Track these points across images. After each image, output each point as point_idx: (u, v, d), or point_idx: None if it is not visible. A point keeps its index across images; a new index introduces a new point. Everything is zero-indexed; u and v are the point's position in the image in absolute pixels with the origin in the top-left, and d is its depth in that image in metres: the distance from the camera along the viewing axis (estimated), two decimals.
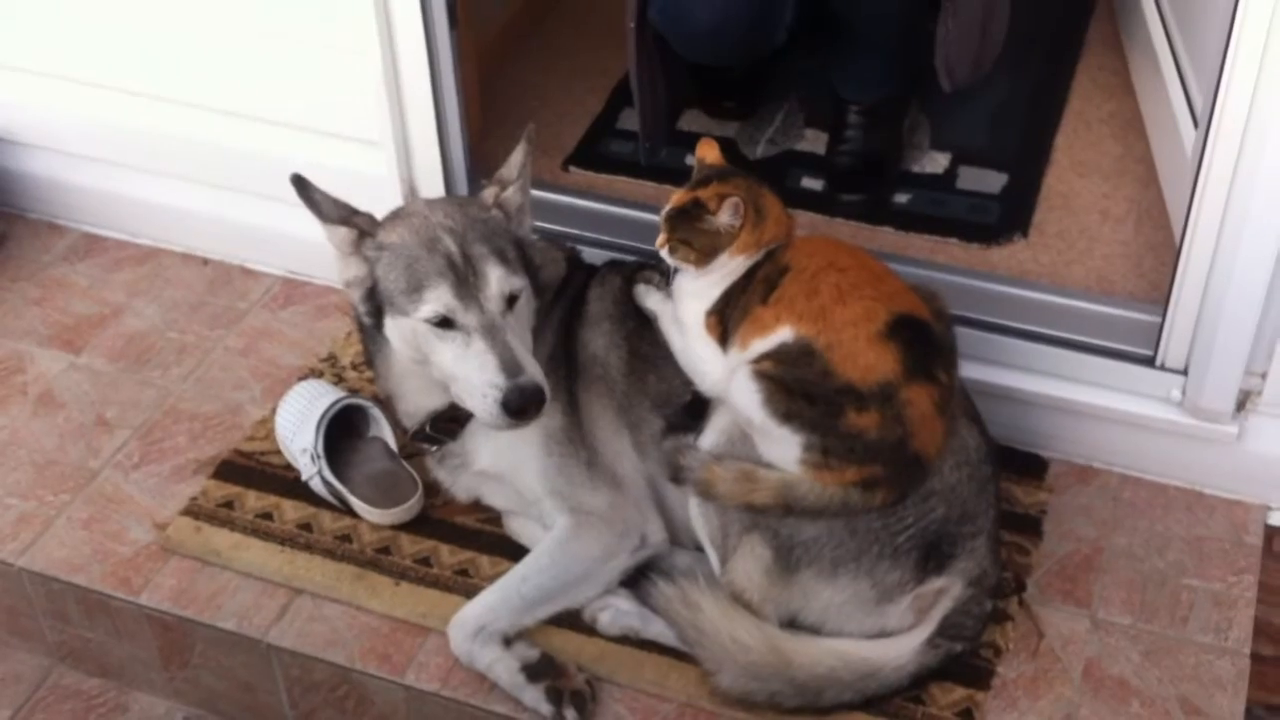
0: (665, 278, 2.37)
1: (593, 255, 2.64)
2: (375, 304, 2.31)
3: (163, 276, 3.16)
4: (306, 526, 2.57)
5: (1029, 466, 2.61)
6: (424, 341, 2.26)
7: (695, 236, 2.24)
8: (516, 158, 2.37)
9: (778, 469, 2.21)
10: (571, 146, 3.10)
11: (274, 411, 2.72)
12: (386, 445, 2.63)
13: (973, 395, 2.53)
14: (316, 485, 2.59)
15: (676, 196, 2.29)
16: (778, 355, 2.19)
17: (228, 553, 2.53)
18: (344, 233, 2.31)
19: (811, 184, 2.96)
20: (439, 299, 2.22)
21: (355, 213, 2.32)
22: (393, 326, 2.31)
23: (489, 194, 2.36)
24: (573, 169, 3.05)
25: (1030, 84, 3.19)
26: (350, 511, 2.57)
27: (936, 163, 2.99)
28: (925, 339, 2.19)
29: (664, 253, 2.28)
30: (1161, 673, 2.30)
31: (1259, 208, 2.23)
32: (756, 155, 3.05)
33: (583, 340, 2.45)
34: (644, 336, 2.42)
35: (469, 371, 2.22)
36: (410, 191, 2.86)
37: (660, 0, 2.68)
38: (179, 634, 2.48)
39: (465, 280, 2.22)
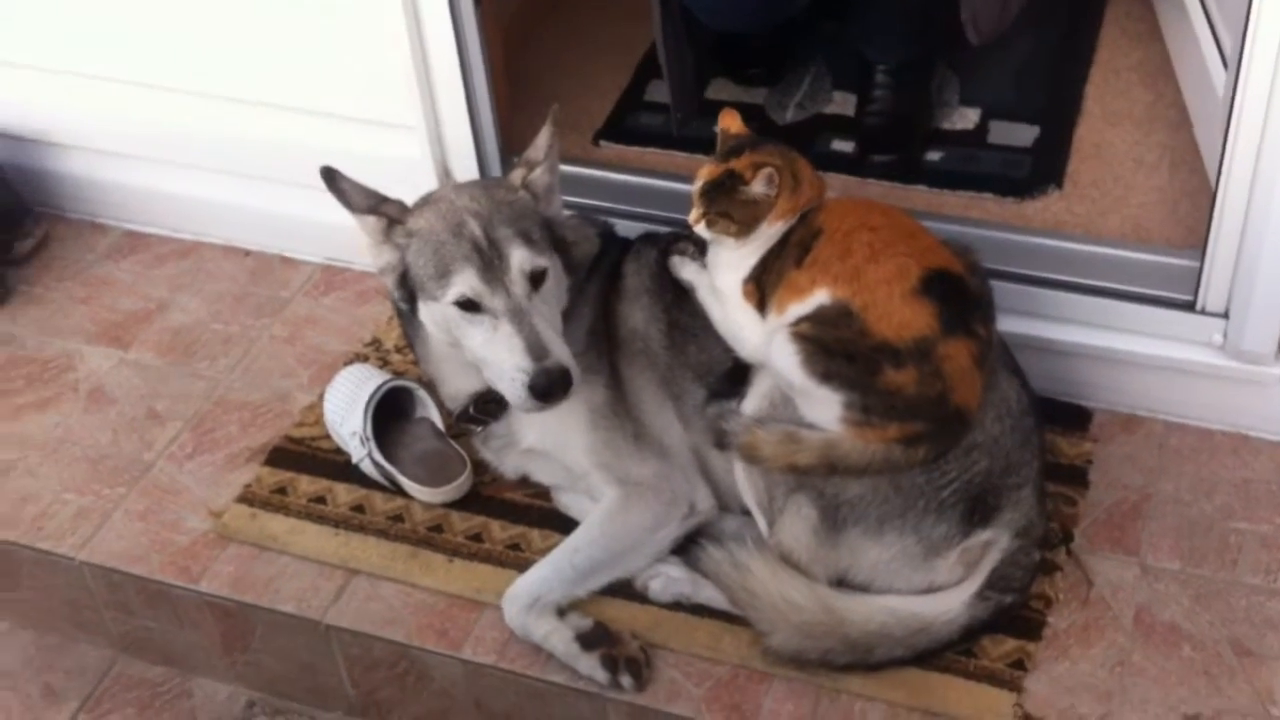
0: (700, 248, 2.39)
1: (628, 228, 2.66)
2: (408, 290, 2.35)
3: (205, 270, 3.21)
4: (359, 508, 2.61)
5: (1073, 418, 2.61)
6: (454, 326, 2.30)
7: (734, 209, 2.25)
8: (542, 139, 2.39)
9: (820, 430, 2.23)
10: (601, 121, 3.11)
11: (322, 397, 2.76)
12: (434, 425, 2.67)
13: (1013, 349, 2.54)
14: (367, 467, 2.63)
15: (707, 170, 2.30)
16: (815, 317, 2.20)
17: (283, 537, 2.57)
18: (373, 221, 2.35)
19: (842, 146, 2.96)
20: (465, 282, 2.25)
21: (384, 201, 2.35)
22: (425, 311, 2.34)
23: (516, 175, 2.39)
24: (603, 143, 3.06)
25: (1057, 35, 3.17)
26: (401, 492, 2.61)
27: (967, 119, 2.98)
28: (960, 293, 2.20)
29: (700, 228, 2.29)
30: (1212, 616, 2.30)
31: None
32: (786, 120, 3.05)
33: (621, 315, 2.47)
34: (682, 308, 2.44)
35: (497, 355, 2.25)
36: (444, 173, 2.88)
37: None
38: (239, 619, 2.53)
39: (490, 264, 2.25)
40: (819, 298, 2.20)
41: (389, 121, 2.87)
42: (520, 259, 2.25)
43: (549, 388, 2.22)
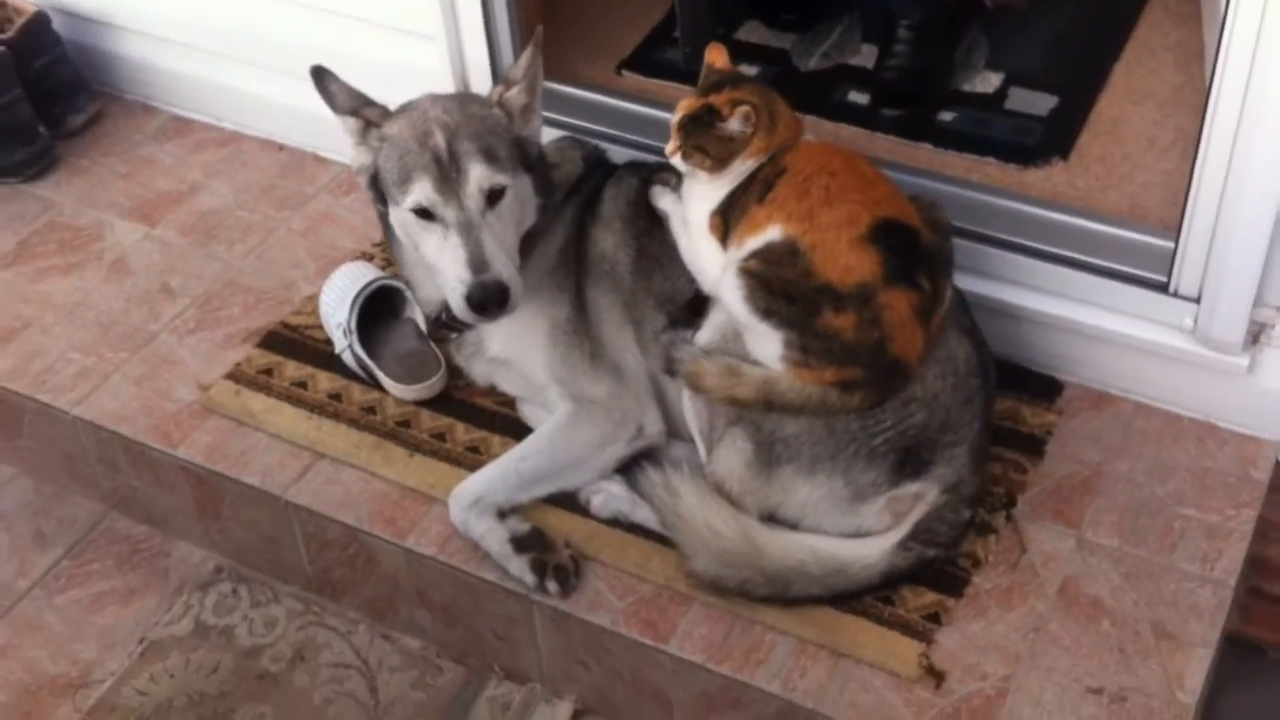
0: (680, 180, 2.43)
1: (639, 157, 2.70)
2: (379, 192, 2.43)
3: (240, 159, 3.32)
4: (336, 397, 2.71)
5: (1042, 388, 2.61)
6: (413, 231, 2.37)
7: (710, 144, 2.29)
8: (524, 59, 2.43)
9: (762, 367, 2.27)
10: (627, 52, 3.15)
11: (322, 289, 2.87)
12: (418, 327, 2.75)
13: (991, 314, 2.56)
14: (348, 359, 2.73)
15: (687, 103, 2.33)
16: (764, 254, 2.23)
17: (261, 415, 2.69)
18: (353, 122, 2.43)
19: (858, 98, 2.97)
20: (421, 191, 2.32)
21: (368, 104, 2.43)
22: (393, 214, 2.42)
23: (494, 93, 2.44)
24: (625, 73, 3.10)
25: (1098, 8, 3.13)
26: (377, 386, 2.70)
27: (988, 82, 2.97)
28: (908, 245, 2.22)
29: (676, 159, 2.33)
30: (1138, 595, 2.30)
31: (1266, 136, 2.19)
32: (808, 67, 3.07)
33: (593, 237, 2.52)
34: (654, 236, 2.49)
35: (444, 264, 2.33)
36: (463, 88, 2.96)
37: None
38: (210, 486, 2.65)
39: (448, 176, 2.31)
40: (771, 234, 2.23)
41: (415, 30, 2.95)
42: (478, 174, 2.31)
43: (484, 301, 2.29)
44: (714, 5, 2.97)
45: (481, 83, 2.92)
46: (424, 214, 2.33)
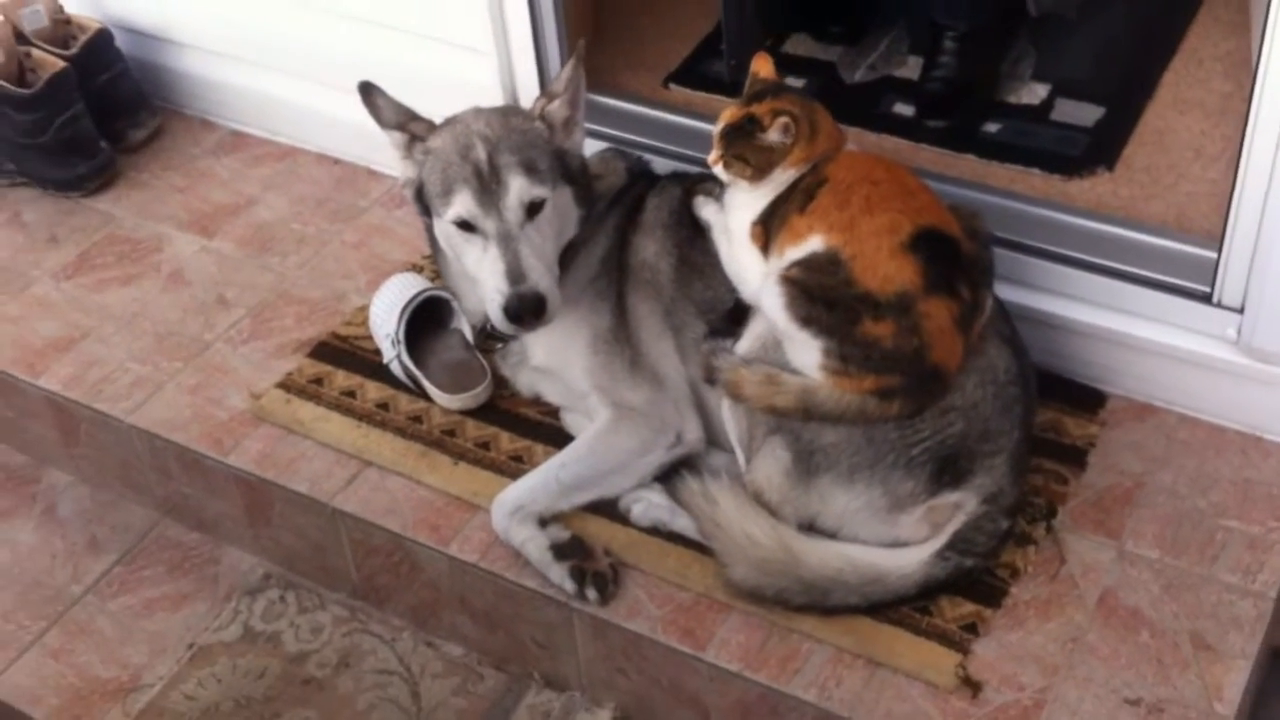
0: (723, 190, 2.45)
1: (684, 169, 2.72)
2: (424, 204, 2.47)
3: (296, 173, 3.39)
4: (384, 406, 2.75)
5: (1085, 400, 2.60)
6: (455, 243, 2.42)
7: (750, 152, 2.31)
8: (565, 72, 2.47)
9: (801, 375, 2.28)
10: (674, 65, 3.18)
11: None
12: (464, 337, 2.79)
13: (1035, 324, 2.56)
14: (395, 369, 2.77)
15: (729, 112, 2.36)
16: (806, 263, 2.25)
17: (310, 424, 2.73)
18: (398, 137, 2.48)
19: (903, 109, 2.97)
20: (462, 204, 2.37)
21: (413, 119, 2.48)
22: (436, 226, 2.47)
23: (536, 105, 2.48)
24: (673, 86, 3.13)
25: (1148, 18, 3.12)
26: (424, 395, 2.74)
27: (1034, 94, 2.96)
28: (949, 254, 2.22)
29: (718, 169, 2.35)
30: (1179, 607, 2.28)
31: None
32: (854, 79, 3.08)
33: (636, 245, 2.55)
34: (695, 245, 2.51)
35: (483, 275, 2.38)
36: (513, 101, 3.00)
37: None
38: (260, 493, 2.70)
39: (489, 188, 2.35)
40: (813, 244, 2.25)
41: (466, 45, 2.99)
42: (518, 187, 2.35)
43: (520, 312, 2.33)
44: (761, 18, 2.99)
45: (530, 96, 2.95)
46: (465, 226, 2.37)
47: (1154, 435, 2.55)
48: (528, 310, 2.33)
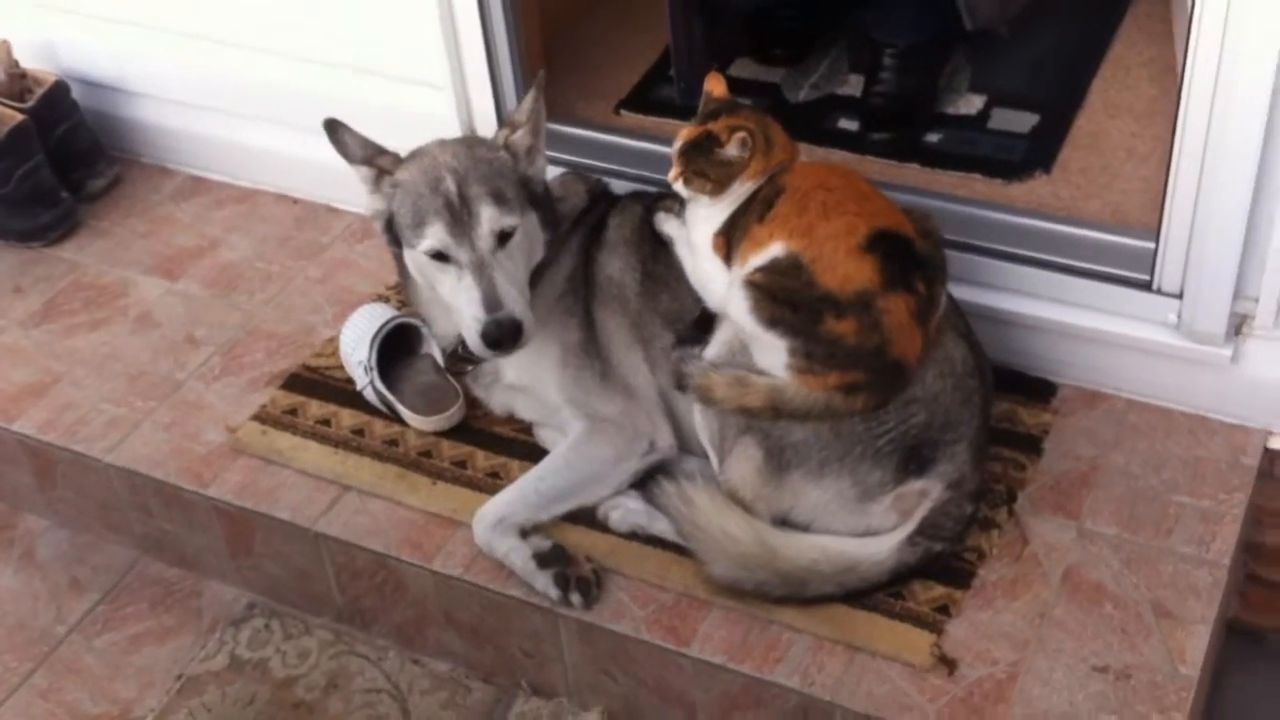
0: (682, 205, 2.55)
1: (642, 189, 2.83)
2: (394, 235, 2.56)
3: (257, 214, 3.45)
4: (360, 432, 2.81)
5: (1038, 390, 2.71)
6: (429, 272, 2.50)
7: (710, 168, 2.40)
8: (526, 103, 2.56)
9: (769, 376, 2.37)
10: (625, 92, 3.28)
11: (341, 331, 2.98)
12: (435, 361, 2.85)
13: (988, 321, 2.67)
14: (369, 395, 2.84)
15: (687, 131, 2.46)
16: (769, 268, 2.34)
17: (288, 453, 2.79)
18: (365, 171, 2.56)
19: (848, 125, 3.09)
20: (435, 235, 2.45)
21: (380, 153, 2.56)
22: (408, 256, 2.55)
23: (500, 135, 2.57)
24: (624, 112, 3.23)
25: (1076, 30, 3.26)
26: (399, 419, 2.80)
27: (971, 104, 3.09)
28: (904, 253, 2.33)
29: (679, 185, 2.44)
30: (1139, 579, 2.39)
31: (1235, 135, 2.31)
32: (799, 99, 3.20)
33: (600, 262, 2.64)
34: (658, 259, 2.60)
35: (459, 303, 2.46)
36: (470, 132, 3.08)
37: None
38: (241, 524, 2.75)
39: (460, 219, 2.44)
40: (774, 250, 2.35)
41: (422, 80, 3.08)
42: (489, 217, 2.44)
43: (499, 337, 2.42)
44: (707, 44, 3.09)
45: (487, 126, 3.05)
46: (439, 256, 2.46)
47: (1105, 420, 2.67)
48: (505, 336, 2.41)
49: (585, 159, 3.03)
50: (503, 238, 2.46)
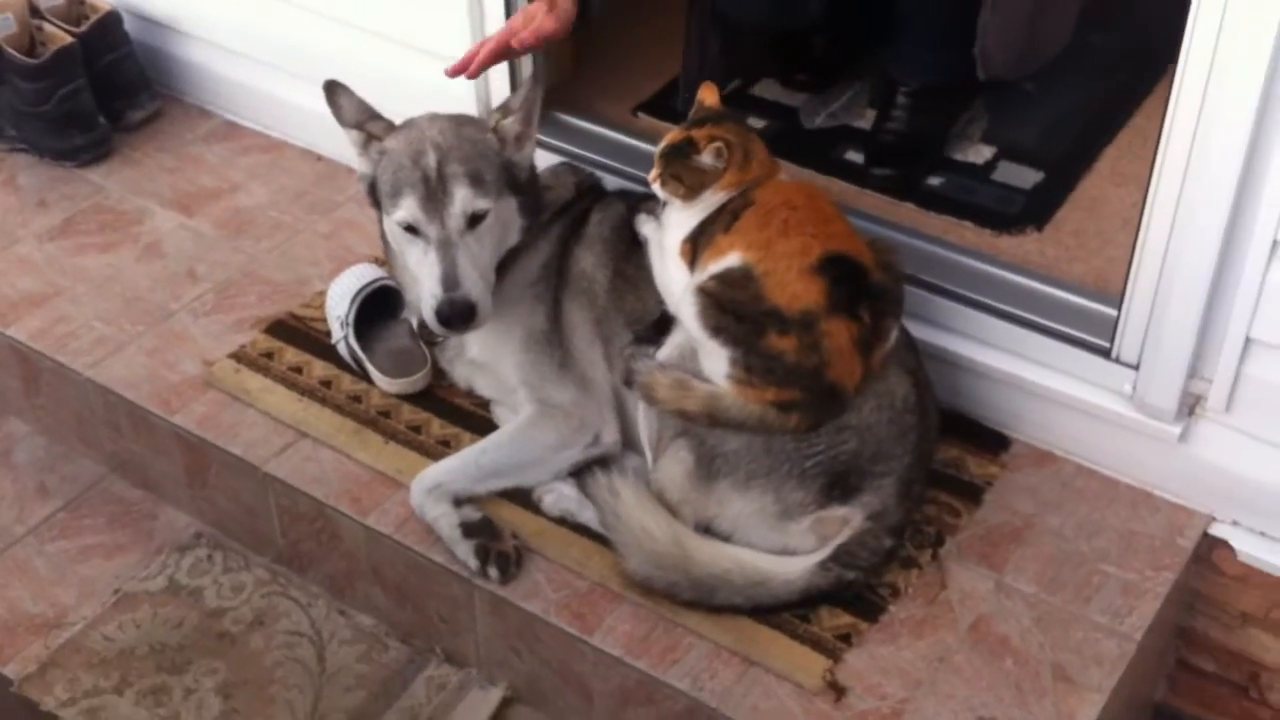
0: (663, 208, 2.59)
1: (625, 189, 2.87)
2: (376, 199, 2.62)
3: (280, 165, 3.54)
4: (327, 384, 2.87)
5: (990, 442, 2.71)
6: (400, 241, 2.57)
7: (685, 173, 2.45)
8: (523, 90, 2.62)
9: (711, 383, 2.40)
10: (645, 97, 3.33)
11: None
12: (411, 327, 2.92)
13: (951, 366, 2.68)
14: (342, 349, 2.90)
15: (672, 134, 2.50)
16: (722, 277, 2.38)
17: (255, 393, 2.86)
18: (356, 135, 2.64)
19: (855, 156, 3.10)
20: (408, 208, 2.51)
21: (373, 118, 2.63)
22: (385, 223, 2.61)
23: (491, 118, 2.63)
24: (641, 115, 3.28)
25: (1101, 94, 3.25)
26: (366, 377, 2.87)
27: (980, 154, 3.09)
28: (855, 280, 2.35)
29: (655, 186, 2.49)
30: (1045, 639, 2.38)
31: (1201, 216, 2.31)
32: (813, 125, 3.21)
33: (576, 256, 2.69)
34: (630, 260, 2.65)
35: (422, 276, 2.52)
36: (487, 110, 3.15)
37: None
38: (199, 454, 2.83)
39: (434, 195, 2.49)
40: (731, 260, 2.38)
41: (447, 56, 3.11)
42: (462, 198, 2.49)
43: (450, 316, 2.48)
44: (727, 62, 3.13)
45: None
46: (410, 229, 2.52)
47: (1051, 481, 2.66)
48: (457, 315, 2.47)
49: (595, 154, 3.07)
50: (474, 220, 2.51)
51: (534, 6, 2.71)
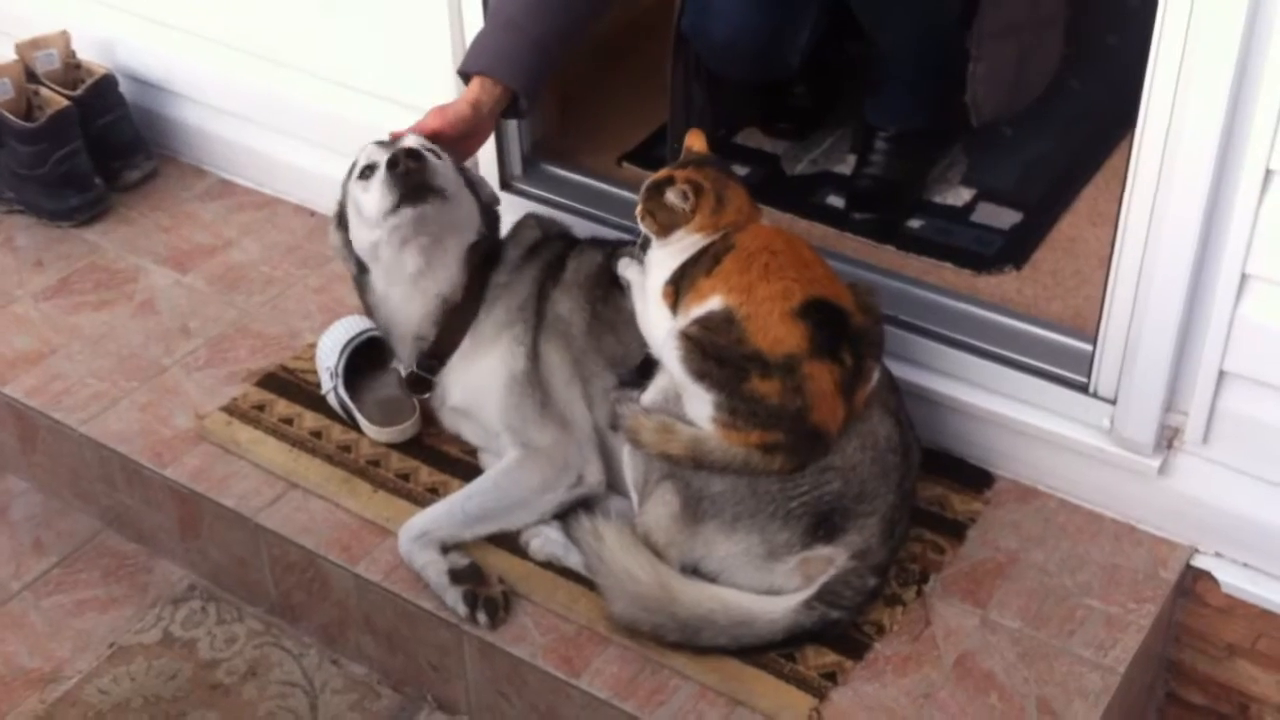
0: (644, 252, 2.63)
1: (599, 237, 2.92)
2: (344, 230, 2.75)
3: (274, 222, 3.60)
4: (318, 435, 2.91)
5: (973, 479, 2.73)
6: (360, 208, 2.66)
7: (657, 210, 2.50)
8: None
9: (695, 426, 2.43)
10: (630, 146, 3.38)
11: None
12: (400, 377, 2.96)
13: (933, 405, 2.71)
14: (331, 399, 2.94)
15: (659, 173, 2.55)
16: (704, 321, 2.41)
17: (246, 444, 2.90)
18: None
19: (836, 201, 3.16)
20: (368, 155, 2.65)
21: None
22: (353, 231, 2.72)
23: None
24: (625, 165, 3.33)
25: (1079, 137, 3.30)
26: (356, 427, 2.90)
27: (959, 196, 3.14)
28: (836, 323, 2.39)
29: (639, 220, 2.54)
30: (1030, 674, 2.40)
31: (1169, 253, 2.35)
32: (795, 172, 3.27)
33: (554, 299, 2.73)
34: (608, 303, 2.69)
35: (370, 189, 2.62)
36: (473, 165, 3.20)
37: (690, 14, 2.98)
38: (192, 506, 2.86)
39: (392, 145, 2.63)
40: (713, 304, 2.41)
41: None
42: (417, 141, 2.62)
43: (395, 157, 2.54)
44: (712, 112, 3.18)
45: (491, 163, 3.16)
46: (364, 174, 2.64)
47: (1034, 517, 2.68)
48: (402, 156, 2.54)
49: (581, 204, 3.13)
50: (432, 189, 2.58)
51: (439, 105, 2.79)
